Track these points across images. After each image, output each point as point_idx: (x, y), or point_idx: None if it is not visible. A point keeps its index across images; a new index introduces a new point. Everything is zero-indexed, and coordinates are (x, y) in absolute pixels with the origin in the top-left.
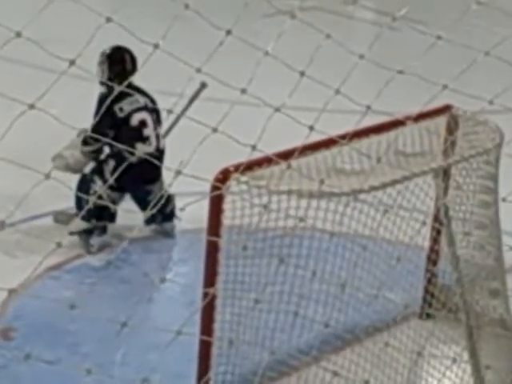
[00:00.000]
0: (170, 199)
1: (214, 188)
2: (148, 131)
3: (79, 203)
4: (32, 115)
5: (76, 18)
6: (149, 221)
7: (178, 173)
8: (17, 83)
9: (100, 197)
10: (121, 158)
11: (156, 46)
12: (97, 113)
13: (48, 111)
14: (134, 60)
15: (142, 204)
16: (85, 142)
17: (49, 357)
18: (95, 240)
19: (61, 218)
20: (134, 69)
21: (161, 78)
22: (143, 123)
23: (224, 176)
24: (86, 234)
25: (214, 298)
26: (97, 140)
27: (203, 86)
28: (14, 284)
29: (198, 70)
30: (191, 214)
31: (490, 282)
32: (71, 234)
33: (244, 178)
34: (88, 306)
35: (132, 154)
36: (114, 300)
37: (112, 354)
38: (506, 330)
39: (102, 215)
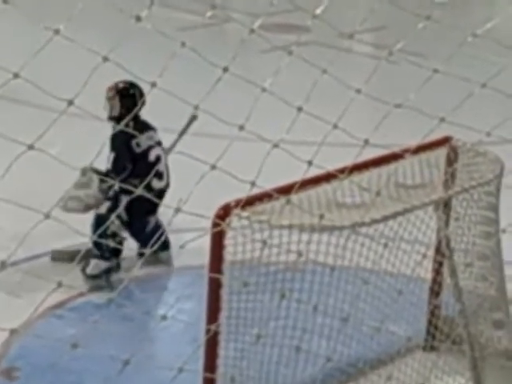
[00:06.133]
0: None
1: (216, 224)
2: (161, 167)
3: (99, 244)
4: (32, 155)
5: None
6: (143, 253)
7: (178, 210)
8: (17, 123)
9: (116, 235)
10: (132, 193)
11: (153, 85)
12: (113, 148)
13: (47, 151)
14: (142, 95)
15: (140, 235)
16: (102, 180)
17: None
18: (115, 278)
19: (59, 256)
20: (142, 104)
21: (158, 116)
22: (158, 159)
23: (225, 212)
24: (107, 273)
25: (216, 334)
26: (118, 175)
27: (193, 118)
28: (16, 324)
29: (196, 107)
30: (194, 250)
31: (493, 313)
32: (93, 277)
33: (245, 214)
34: (91, 345)
35: (148, 190)
36: (117, 338)
37: None
38: (511, 361)
39: (116, 253)
